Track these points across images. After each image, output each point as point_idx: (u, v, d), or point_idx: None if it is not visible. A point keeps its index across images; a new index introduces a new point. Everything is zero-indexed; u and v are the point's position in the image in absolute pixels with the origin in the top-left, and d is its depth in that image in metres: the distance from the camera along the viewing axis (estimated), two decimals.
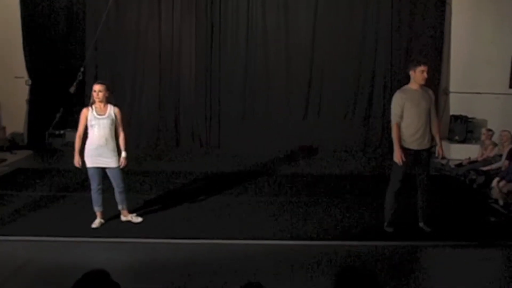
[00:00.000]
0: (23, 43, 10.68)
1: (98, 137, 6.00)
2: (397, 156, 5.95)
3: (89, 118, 6.03)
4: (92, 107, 6.06)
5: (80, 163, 6.05)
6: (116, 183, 6.17)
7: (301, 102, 11.41)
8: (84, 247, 5.73)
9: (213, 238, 5.98)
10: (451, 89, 11.12)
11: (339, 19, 11.17)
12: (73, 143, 10.53)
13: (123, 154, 6.10)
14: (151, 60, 11.25)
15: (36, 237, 5.90)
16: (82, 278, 2.48)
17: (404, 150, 5.98)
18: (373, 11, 11.13)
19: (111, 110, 6.08)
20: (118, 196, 6.27)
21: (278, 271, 5.11)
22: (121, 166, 6.11)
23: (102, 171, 6.14)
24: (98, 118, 6.00)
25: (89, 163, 6.06)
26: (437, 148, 6.17)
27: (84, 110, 6.10)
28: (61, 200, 7.29)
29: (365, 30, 11.20)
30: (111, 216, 6.41)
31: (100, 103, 6.05)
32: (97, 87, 6.06)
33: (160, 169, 9.26)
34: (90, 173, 6.12)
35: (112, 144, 6.07)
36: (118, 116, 6.10)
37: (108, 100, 6.10)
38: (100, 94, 6.02)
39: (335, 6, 11.16)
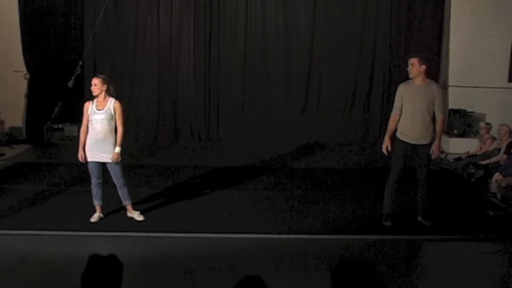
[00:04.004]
0: (21, 37, 10.65)
1: (96, 132, 5.97)
2: (383, 146, 6.14)
3: (89, 112, 6.01)
4: (93, 101, 6.05)
5: (84, 157, 6.04)
6: (115, 178, 6.14)
7: (300, 96, 11.41)
8: (84, 241, 5.74)
9: (211, 232, 5.99)
10: (450, 83, 11.10)
11: (338, 14, 11.15)
12: (71, 137, 10.82)
13: (116, 149, 6.01)
14: (149, 54, 11.23)
15: (36, 231, 5.91)
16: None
17: (402, 142, 6.04)
18: (373, 5, 11.12)
19: (110, 104, 6.01)
20: (119, 192, 6.24)
21: (277, 265, 5.12)
22: (112, 161, 6.02)
23: (102, 165, 6.12)
24: (96, 113, 5.97)
25: (88, 158, 6.05)
26: (433, 145, 6.03)
27: (86, 104, 6.10)
28: (60, 194, 7.30)
29: (364, 24, 11.20)
30: (111, 210, 6.41)
31: (100, 97, 6.00)
32: (94, 80, 6.05)
33: (158, 163, 9.26)
34: (89, 167, 6.12)
35: (111, 139, 6.01)
36: (117, 111, 6.01)
37: (109, 94, 6.05)
38: (94, 88, 5.99)
39: (335, 0, 11.14)
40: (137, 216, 6.31)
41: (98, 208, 6.25)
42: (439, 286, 4.92)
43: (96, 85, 6.00)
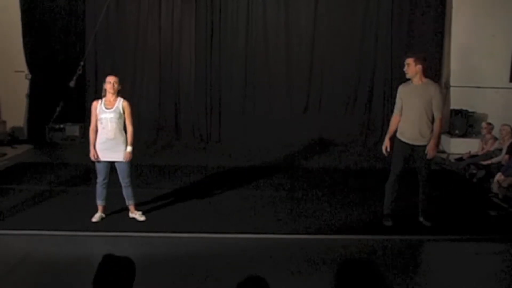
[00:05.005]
0: (23, 37, 10.67)
1: (106, 131, 5.97)
2: (383, 146, 6.19)
3: (97, 111, 6.00)
4: (101, 100, 6.03)
5: (96, 156, 6.02)
6: (122, 177, 6.13)
7: (302, 96, 11.41)
8: (85, 241, 5.74)
9: (211, 232, 5.98)
10: (452, 83, 11.11)
11: (340, 13, 11.15)
12: (73, 137, 10.83)
13: (128, 148, 6.03)
14: (151, 54, 11.24)
15: (36, 231, 5.90)
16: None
17: (401, 142, 6.05)
18: (374, 5, 11.12)
19: (119, 103, 6.00)
20: (124, 191, 6.22)
21: (278, 265, 5.11)
22: (125, 160, 6.05)
23: (111, 165, 6.12)
24: (105, 112, 5.96)
25: (99, 157, 6.04)
26: (428, 145, 5.95)
27: (94, 103, 6.07)
28: (61, 194, 7.29)
29: (366, 23, 11.19)
30: (112, 210, 6.41)
31: (111, 96, 6.00)
32: (112, 79, 6.00)
33: (159, 163, 9.26)
34: (98, 166, 6.10)
35: (121, 138, 6.02)
36: (127, 110, 6.03)
37: (118, 94, 6.06)
38: (116, 86, 5.98)
39: (336, 0, 11.14)
40: (138, 216, 6.30)
41: (100, 208, 6.25)
42: (440, 286, 4.91)
43: (116, 83, 5.99)
